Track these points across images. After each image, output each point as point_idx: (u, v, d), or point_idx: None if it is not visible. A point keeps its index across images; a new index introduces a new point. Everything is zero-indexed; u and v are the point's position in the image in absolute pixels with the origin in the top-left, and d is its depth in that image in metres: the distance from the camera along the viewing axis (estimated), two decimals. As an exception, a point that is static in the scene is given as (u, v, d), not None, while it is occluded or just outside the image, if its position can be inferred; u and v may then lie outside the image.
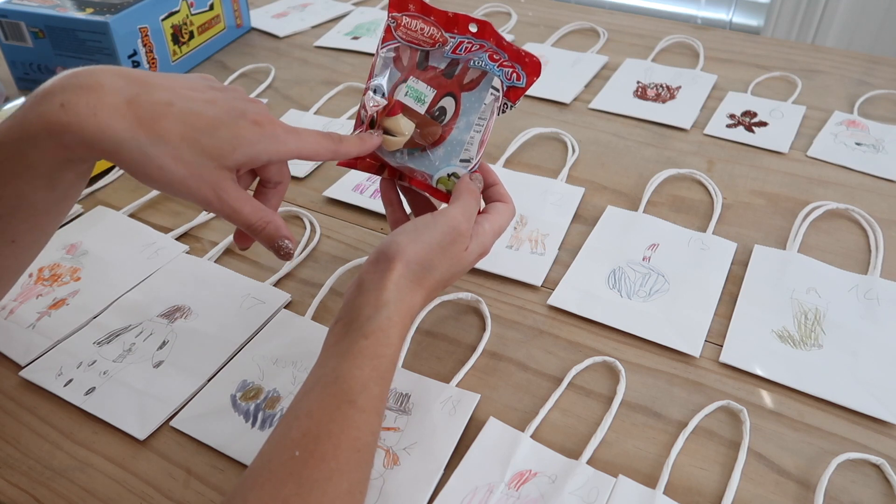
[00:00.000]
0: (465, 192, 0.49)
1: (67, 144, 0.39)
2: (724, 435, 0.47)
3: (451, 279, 0.48)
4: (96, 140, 0.39)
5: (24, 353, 0.52)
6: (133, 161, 0.40)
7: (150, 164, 0.40)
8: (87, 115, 0.38)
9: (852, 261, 0.62)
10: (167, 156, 0.40)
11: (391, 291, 0.43)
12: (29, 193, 0.42)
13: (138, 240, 0.63)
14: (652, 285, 0.58)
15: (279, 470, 0.36)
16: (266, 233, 0.45)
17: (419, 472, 0.44)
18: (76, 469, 0.45)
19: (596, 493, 0.43)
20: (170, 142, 0.40)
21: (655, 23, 1.07)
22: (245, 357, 0.52)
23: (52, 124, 0.38)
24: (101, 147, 0.39)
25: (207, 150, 0.41)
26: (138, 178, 0.41)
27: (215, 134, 0.41)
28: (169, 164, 0.40)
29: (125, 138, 0.39)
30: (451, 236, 0.46)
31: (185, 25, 0.89)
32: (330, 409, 0.38)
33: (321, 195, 0.70)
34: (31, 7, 0.80)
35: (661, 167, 0.73)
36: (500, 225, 0.51)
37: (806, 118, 0.82)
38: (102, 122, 0.39)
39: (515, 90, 0.51)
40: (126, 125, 0.39)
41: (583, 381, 0.51)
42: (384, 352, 0.41)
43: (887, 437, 0.47)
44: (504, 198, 0.53)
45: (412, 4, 0.51)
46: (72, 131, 0.38)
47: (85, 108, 0.38)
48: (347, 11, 1.10)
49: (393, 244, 0.45)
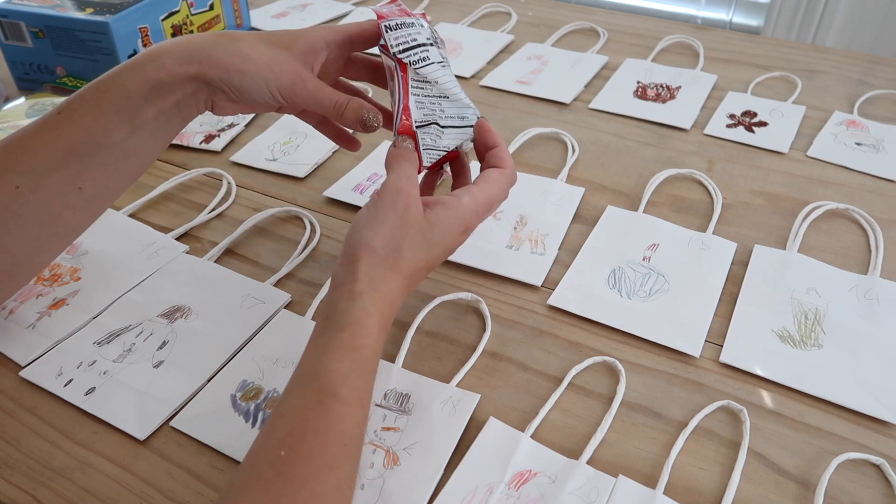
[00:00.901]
0: (391, 157, 0.48)
1: (164, 65, 0.46)
2: (724, 435, 0.47)
3: (430, 259, 0.46)
4: (190, 52, 0.46)
5: (24, 352, 0.52)
6: (221, 61, 0.47)
7: (236, 58, 0.47)
8: (182, 42, 0.47)
9: (852, 261, 0.62)
10: (247, 48, 0.47)
11: (362, 283, 0.42)
12: (110, 131, 0.45)
13: (138, 240, 0.63)
14: (652, 285, 0.58)
15: (266, 471, 0.36)
16: (350, 107, 0.49)
17: (419, 472, 0.44)
18: (76, 469, 0.45)
19: (596, 493, 0.43)
20: (246, 39, 0.48)
21: (655, 23, 1.07)
22: (245, 357, 0.52)
23: (153, 50, 0.46)
24: (195, 58, 0.46)
25: (276, 42, 0.49)
26: (231, 76, 0.47)
27: (275, 35, 0.49)
28: (251, 54, 0.47)
29: (213, 42, 0.47)
30: (399, 203, 0.45)
31: (185, 25, 0.89)
32: (313, 405, 0.38)
33: (321, 195, 0.70)
34: (31, 7, 0.80)
35: (661, 167, 0.73)
36: (487, 195, 0.48)
37: (806, 118, 0.82)
38: (193, 40, 0.47)
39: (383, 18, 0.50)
40: (212, 37, 0.48)
41: (583, 381, 0.51)
42: (362, 343, 0.41)
43: (887, 437, 0.47)
44: (501, 162, 0.50)
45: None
46: (170, 52, 0.46)
47: (181, 39, 0.48)
48: (347, 11, 1.10)
49: (353, 235, 0.44)
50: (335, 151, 0.76)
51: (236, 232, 0.64)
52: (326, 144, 0.76)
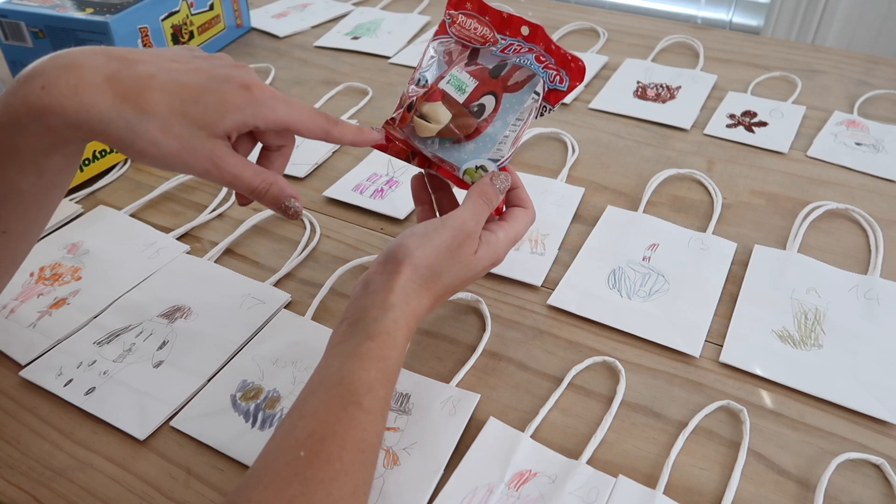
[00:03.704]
0: (474, 194, 0.48)
1: (52, 127, 0.38)
2: (724, 435, 0.47)
3: (459, 285, 0.47)
4: (81, 120, 0.38)
5: (24, 352, 0.52)
6: (122, 139, 0.39)
7: (140, 141, 0.39)
8: (68, 95, 0.38)
9: (852, 261, 0.62)
10: (156, 130, 0.39)
11: (398, 294, 0.43)
12: (18, 180, 0.41)
13: (139, 240, 0.63)
14: (652, 285, 0.58)
15: (283, 470, 0.36)
16: (270, 194, 0.44)
17: (419, 472, 0.44)
18: (76, 469, 0.45)
19: (596, 493, 0.43)
20: (157, 115, 0.39)
21: (655, 23, 1.07)
22: (245, 357, 0.52)
23: (34, 107, 0.38)
24: (87, 127, 0.38)
25: (196, 119, 0.40)
26: (131, 155, 0.40)
27: (201, 101, 0.40)
28: (159, 139, 0.39)
29: (111, 116, 0.38)
30: (458, 239, 0.45)
31: (185, 25, 0.89)
32: (335, 410, 0.38)
33: (321, 195, 0.70)
34: (31, 7, 0.80)
35: (661, 167, 0.73)
36: (515, 233, 0.50)
37: (806, 118, 0.82)
38: (85, 100, 0.38)
39: (556, 93, 0.51)
40: (109, 102, 0.38)
41: (583, 381, 0.51)
42: (390, 354, 0.41)
43: (887, 437, 0.47)
44: (524, 203, 0.52)
45: (470, 3, 0.52)
46: (55, 112, 0.38)
47: (65, 87, 0.38)
48: (347, 11, 1.10)
49: (401, 247, 0.44)
50: (335, 151, 0.76)
51: (236, 232, 0.64)
52: (326, 144, 0.75)
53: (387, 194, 0.69)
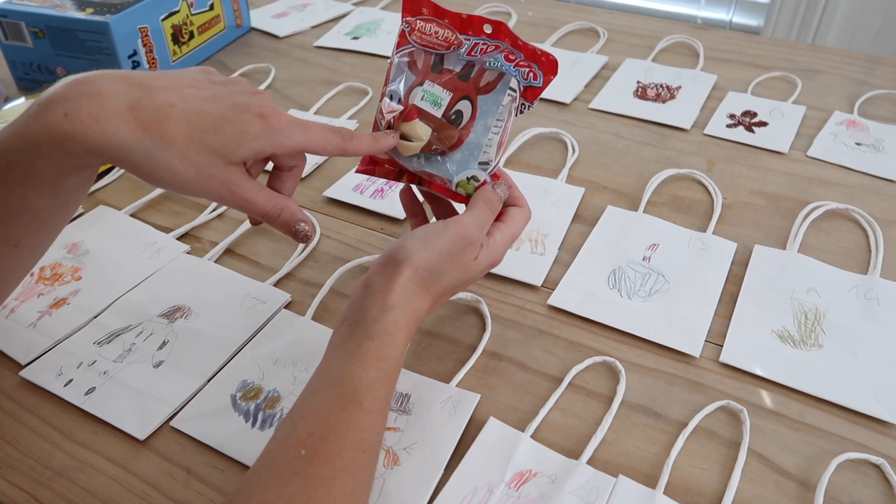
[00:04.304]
0: (480, 201, 0.48)
1: (73, 153, 0.40)
2: (724, 435, 0.47)
3: (458, 287, 0.47)
4: (102, 148, 0.39)
5: (24, 352, 0.52)
6: (141, 166, 0.40)
7: (158, 168, 0.40)
8: (90, 124, 0.39)
9: (852, 261, 0.62)
10: (175, 158, 0.40)
11: (398, 295, 0.43)
12: (33, 199, 0.42)
13: (139, 240, 0.63)
14: (652, 285, 0.58)
15: (284, 468, 0.36)
16: (282, 219, 0.45)
17: (419, 472, 0.44)
18: (76, 469, 0.45)
19: (596, 493, 0.43)
20: (175, 143, 0.40)
21: (655, 23, 1.07)
22: (245, 357, 0.52)
23: (56, 134, 0.39)
24: (107, 154, 0.40)
25: (214, 148, 0.41)
26: (149, 181, 0.42)
27: (220, 131, 0.41)
28: (177, 167, 0.40)
29: (131, 144, 0.39)
30: (460, 245, 0.46)
31: (185, 25, 0.89)
32: (336, 410, 0.38)
33: (321, 195, 0.70)
34: (31, 7, 0.80)
35: (661, 167, 0.73)
36: (513, 232, 0.50)
37: (806, 118, 0.82)
38: (107, 129, 0.39)
39: (533, 90, 0.50)
40: (130, 130, 0.39)
41: (583, 381, 0.51)
42: (389, 354, 0.41)
43: (887, 437, 0.47)
44: (519, 201, 0.52)
45: (426, 8, 0.51)
46: (77, 140, 0.39)
47: (88, 116, 0.39)
48: (347, 11, 1.10)
49: (402, 249, 0.45)
50: (335, 151, 0.76)
51: (236, 232, 0.64)
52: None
53: (387, 194, 0.69)
